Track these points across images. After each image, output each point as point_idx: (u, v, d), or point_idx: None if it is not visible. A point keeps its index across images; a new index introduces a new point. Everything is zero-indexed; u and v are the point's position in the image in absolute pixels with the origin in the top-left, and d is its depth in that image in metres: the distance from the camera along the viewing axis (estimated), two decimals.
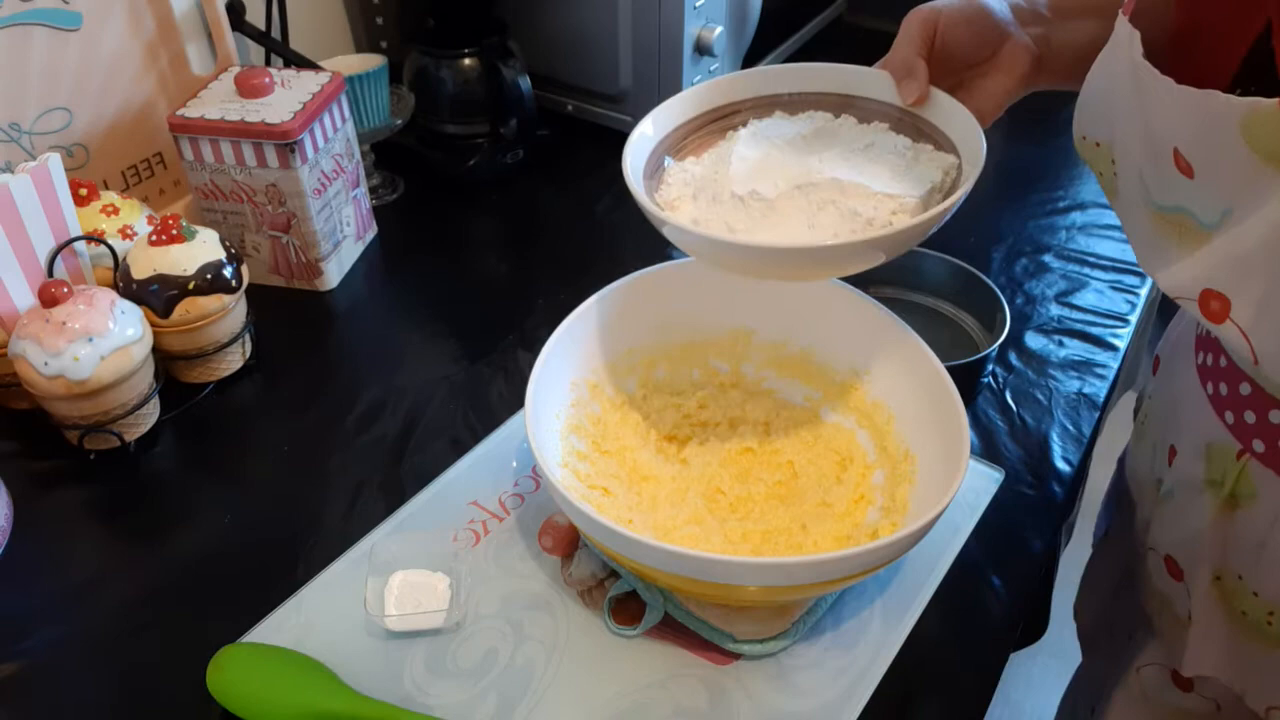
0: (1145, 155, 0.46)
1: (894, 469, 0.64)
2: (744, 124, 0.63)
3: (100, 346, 0.68)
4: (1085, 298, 0.88)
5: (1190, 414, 0.58)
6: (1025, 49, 0.58)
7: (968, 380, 0.75)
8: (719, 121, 0.64)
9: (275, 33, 0.99)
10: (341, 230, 0.90)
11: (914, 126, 0.60)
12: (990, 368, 0.80)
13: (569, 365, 0.67)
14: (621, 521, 0.62)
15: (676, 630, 0.60)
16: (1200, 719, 0.68)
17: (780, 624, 0.60)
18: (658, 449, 0.70)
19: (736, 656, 0.59)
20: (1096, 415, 0.77)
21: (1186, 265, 0.45)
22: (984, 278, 0.80)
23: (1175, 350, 0.63)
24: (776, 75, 0.64)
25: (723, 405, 0.72)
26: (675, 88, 1.02)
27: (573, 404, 0.68)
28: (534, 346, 0.64)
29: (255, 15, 0.97)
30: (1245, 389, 0.52)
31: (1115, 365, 0.81)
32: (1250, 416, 0.51)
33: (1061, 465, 0.72)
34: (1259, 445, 0.52)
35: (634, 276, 0.68)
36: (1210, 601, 0.59)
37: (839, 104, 0.63)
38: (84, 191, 0.79)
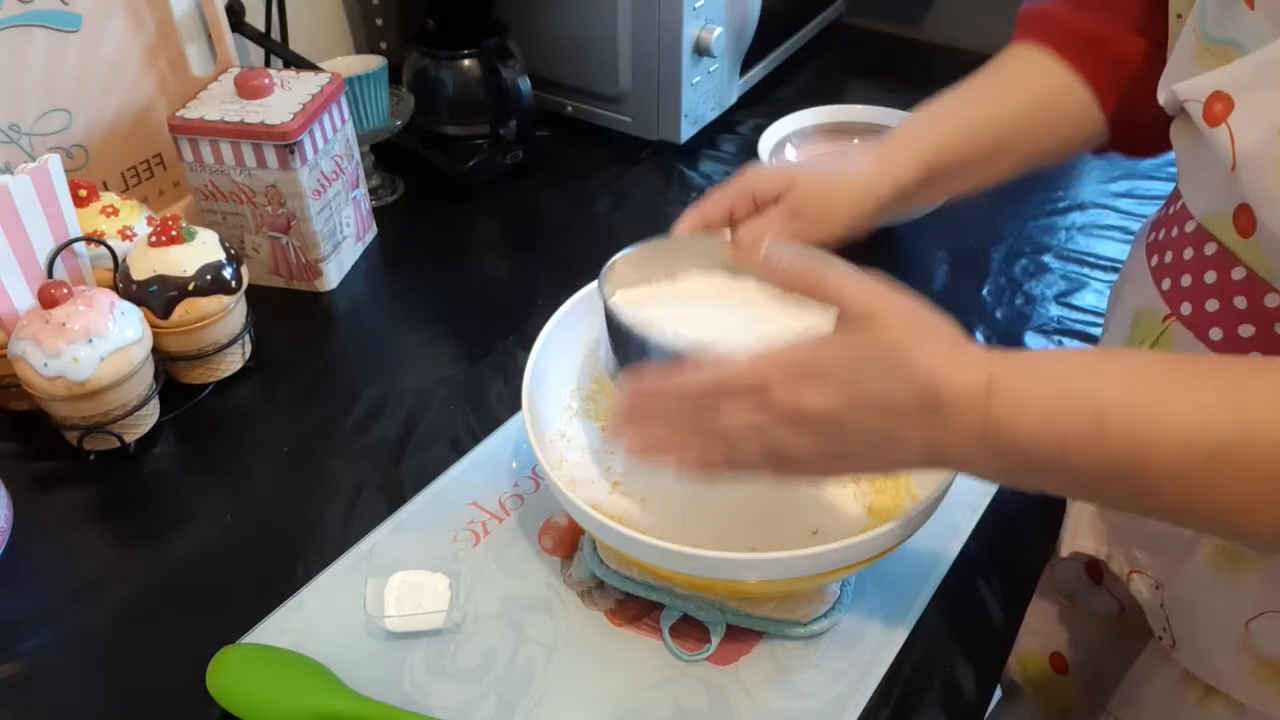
0: None
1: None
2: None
3: (100, 347, 0.68)
4: (1085, 298, 0.88)
5: (1130, 290, 0.61)
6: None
7: None
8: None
9: (275, 34, 1.00)
10: (341, 231, 0.90)
11: None
12: None
13: (566, 362, 0.67)
14: (625, 520, 0.62)
15: (678, 630, 0.60)
16: (1103, 621, 0.71)
17: (831, 594, 0.60)
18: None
19: (738, 656, 0.59)
20: None
21: (1207, 75, 0.47)
22: None
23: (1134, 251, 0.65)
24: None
25: None
26: (675, 88, 1.02)
27: (569, 404, 0.68)
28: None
29: (255, 16, 0.97)
30: (1188, 254, 0.53)
31: None
32: (1186, 280, 0.53)
33: None
34: (1186, 308, 0.53)
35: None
36: None
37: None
38: (83, 193, 0.78)
